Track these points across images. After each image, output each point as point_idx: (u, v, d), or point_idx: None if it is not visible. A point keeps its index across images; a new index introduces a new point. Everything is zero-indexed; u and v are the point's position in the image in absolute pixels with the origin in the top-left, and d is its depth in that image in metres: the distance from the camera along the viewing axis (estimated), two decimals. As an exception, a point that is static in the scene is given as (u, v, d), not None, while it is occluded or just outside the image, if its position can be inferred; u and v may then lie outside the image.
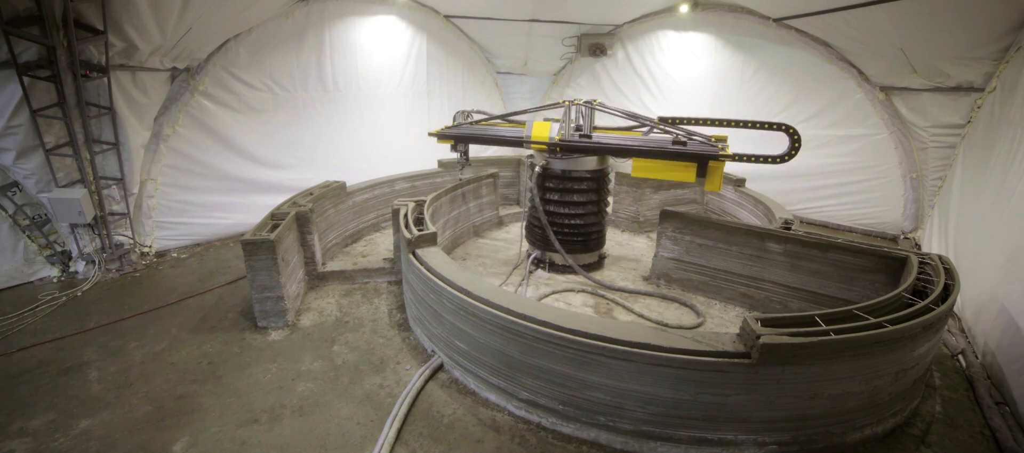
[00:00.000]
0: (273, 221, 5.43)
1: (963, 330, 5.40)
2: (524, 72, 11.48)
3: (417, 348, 4.89)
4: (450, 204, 7.03)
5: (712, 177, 4.85)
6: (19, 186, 5.99)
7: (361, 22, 8.70)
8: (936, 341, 3.88)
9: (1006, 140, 5.63)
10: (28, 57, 5.31)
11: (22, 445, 3.69)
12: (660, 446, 3.59)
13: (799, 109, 8.62)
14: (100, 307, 5.75)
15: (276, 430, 3.83)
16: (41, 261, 6.40)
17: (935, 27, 6.28)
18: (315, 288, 6.09)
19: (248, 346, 4.94)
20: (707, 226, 5.73)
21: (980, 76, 6.59)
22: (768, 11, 8.31)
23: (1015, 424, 3.93)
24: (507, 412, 4.02)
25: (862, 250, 4.87)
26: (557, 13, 9.53)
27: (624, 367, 3.44)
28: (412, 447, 3.67)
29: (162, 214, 7.23)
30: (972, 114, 6.90)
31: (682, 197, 8.36)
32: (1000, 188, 5.41)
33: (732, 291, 5.71)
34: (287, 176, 8.32)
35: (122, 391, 4.28)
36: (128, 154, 6.46)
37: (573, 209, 6.18)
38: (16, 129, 5.52)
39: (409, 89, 9.80)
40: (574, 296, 5.94)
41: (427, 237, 5.00)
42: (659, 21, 9.78)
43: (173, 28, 6.04)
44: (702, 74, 9.53)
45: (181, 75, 6.93)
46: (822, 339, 3.21)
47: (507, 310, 3.79)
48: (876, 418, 3.70)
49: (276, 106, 8.05)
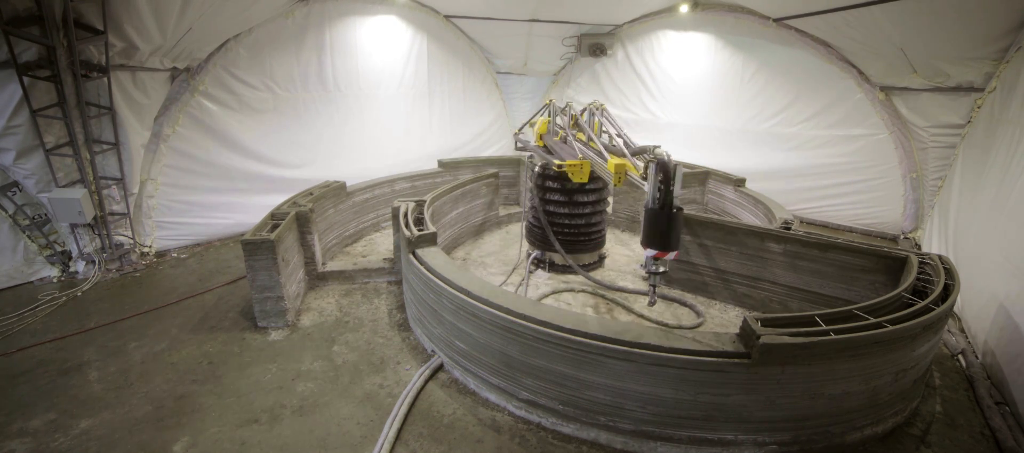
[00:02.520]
0: (273, 221, 5.43)
1: (963, 330, 5.40)
2: (524, 72, 11.49)
3: (417, 348, 4.89)
4: (450, 204, 7.03)
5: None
6: (19, 186, 5.99)
7: (361, 22, 8.70)
8: (936, 341, 3.88)
9: (1005, 139, 5.63)
10: (28, 57, 5.31)
11: (22, 445, 3.69)
12: (660, 446, 3.59)
13: (799, 109, 8.62)
14: (100, 307, 5.75)
15: (276, 430, 3.83)
16: (41, 261, 6.40)
17: (935, 27, 6.28)
18: (315, 288, 6.09)
19: (248, 346, 4.94)
20: (707, 226, 5.73)
21: (980, 76, 6.59)
22: (768, 11, 8.31)
23: (1015, 424, 3.93)
24: (507, 412, 4.02)
25: (862, 250, 4.87)
26: (557, 13, 9.53)
27: (624, 367, 3.44)
28: (412, 447, 3.67)
29: (162, 214, 7.23)
30: (972, 114, 6.91)
31: (682, 197, 8.34)
32: (1000, 188, 5.41)
33: (732, 291, 5.71)
34: (287, 176, 8.32)
35: (122, 391, 4.28)
36: (128, 154, 6.46)
37: (573, 209, 6.18)
38: (16, 129, 5.52)
39: (409, 89, 9.80)
40: (574, 296, 5.94)
41: (427, 237, 5.00)
42: (659, 21, 9.78)
43: (173, 28, 6.04)
44: (702, 74, 9.53)
45: (181, 75, 6.93)
46: (822, 339, 3.21)
47: (507, 310, 3.80)
48: (876, 418, 3.70)
49: (276, 106, 8.05)
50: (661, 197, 3.44)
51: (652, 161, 3.49)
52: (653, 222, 3.47)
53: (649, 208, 3.52)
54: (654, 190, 3.47)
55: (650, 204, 3.54)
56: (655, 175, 3.44)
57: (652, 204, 3.50)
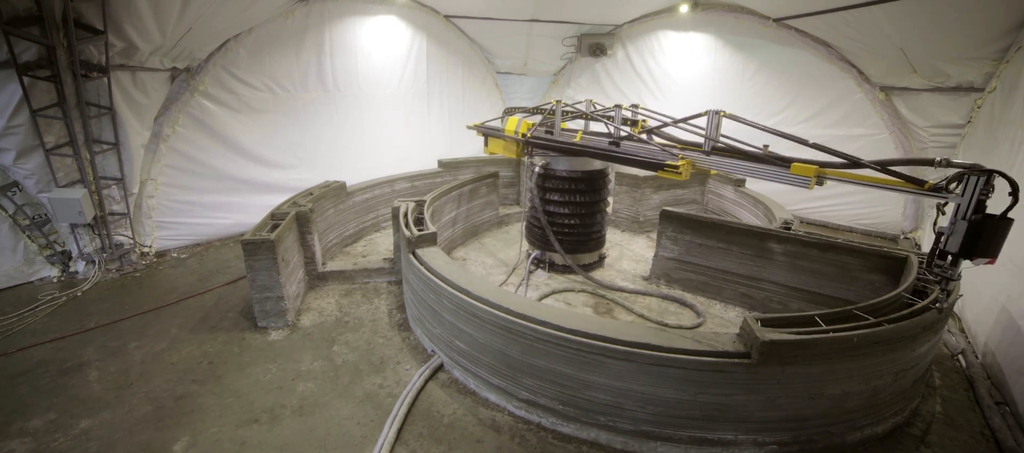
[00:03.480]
0: (273, 221, 5.43)
1: (963, 330, 5.40)
2: (524, 72, 11.49)
3: (417, 348, 4.89)
4: (450, 204, 7.03)
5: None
6: (19, 186, 5.99)
7: (361, 22, 8.70)
8: (936, 341, 3.88)
9: (1006, 140, 5.62)
10: (28, 57, 5.30)
11: (22, 445, 3.69)
12: (660, 446, 3.58)
13: (799, 109, 8.62)
14: (100, 307, 5.75)
15: (276, 430, 3.83)
16: (41, 261, 6.40)
17: (935, 27, 6.28)
18: (315, 288, 6.09)
19: (248, 346, 4.94)
20: (707, 226, 5.73)
21: (980, 76, 6.59)
22: (768, 11, 8.31)
23: (1015, 424, 3.93)
24: (507, 412, 4.02)
25: (862, 250, 4.87)
26: (557, 13, 9.53)
27: (624, 367, 3.44)
28: (412, 447, 3.67)
29: (162, 214, 7.23)
30: (972, 114, 6.91)
31: (682, 197, 8.37)
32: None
33: (732, 291, 5.71)
34: (287, 176, 8.33)
35: (122, 391, 4.28)
36: (128, 154, 6.45)
37: (573, 209, 6.18)
38: (16, 129, 5.52)
39: (409, 89, 9.81)
40: (574, 296, 5.94)
41: (427, 237, 5.00)
42: (659, 21, 9.78)
43: (173, 28, 6.04)
44: (702, 74, 9.53)
45: (181, 75, 6.93)
46: (822, 338, 3.21)
47: (507, 310, 3.80)
48: (876, 418, 3.70)
49: (276, 106, 8.05)
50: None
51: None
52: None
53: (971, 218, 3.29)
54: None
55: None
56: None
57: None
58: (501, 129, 6.37)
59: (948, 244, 3.40)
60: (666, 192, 8.18)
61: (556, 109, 5.90)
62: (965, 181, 3.30)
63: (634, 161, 5.13)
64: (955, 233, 3.34)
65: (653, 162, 4.86)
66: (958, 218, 3.35)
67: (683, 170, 4.66)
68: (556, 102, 5.93)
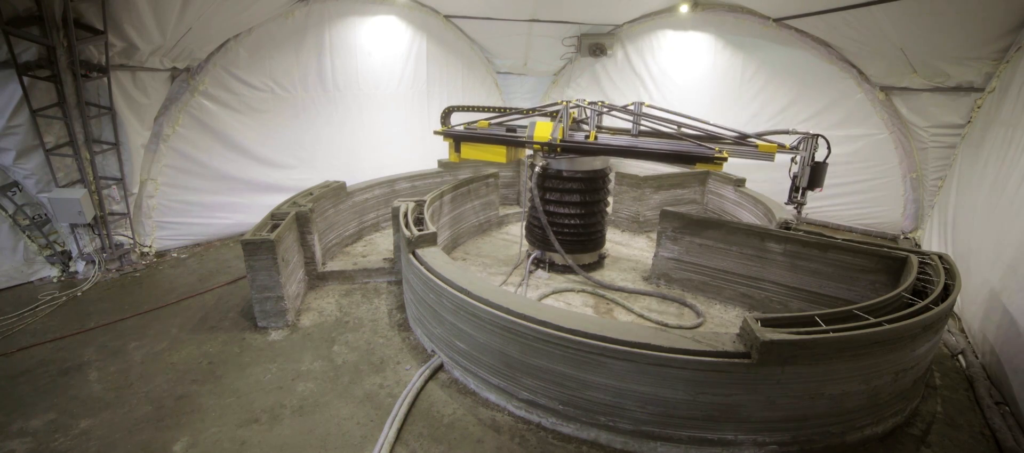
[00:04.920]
0: (273, 221, 5.43)
1: (963, 330, 5.40)
2: (524, 72, 11.49)
3: (417, 348, 4.89)
4: (450, 204, 7.03)
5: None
6: (19, 186, 5.99)
7: (361, 22, 8.70)
8: (936, 341, 3.88)
9: (998, 140, 5.64)
10: (28, 57, 5.30)
11: (22, 445, 3.69)
12: (660, 446, 3.59)
13: (799, 109, 8.62)
14: (100, 307, 5.75)
15: (276, 430, 3.83)
16: (41, 261, 6.40)
17: (935, 27, 6.28)
18: (315, 288, 6.09)
19: (248, 346, 4.94)
20: (707, 226, 5.73)
21: (980, 76, 6.59)
22: (768, 11, 8.31)
23: (1015, 424, 3.93)
24: (507, 412, 4.02)
25: (862, 250, 4.87)
26: (557, 13, 9.53)
27: (624, 367, 3.44)
28: (412, 447, 3.67)
29: (162, 214, 7.23)
30: (972, 114, 6.91)
31: (682, 197, 8.36)
32: (997, 188, 5.41)
33: (732, 291, 5.71)
34: (287, 176, 8.33)
35: (122, 391, 4.28)
36: (128, 154, 6.46)
37: (573, 209, 6.18)
38: (16, 129, 5.52)
39: (409, 89, 9.81)
40: (574, 296, 5.94)
41: (427, 237, 5.00)
42: (659, 21, 9.79)
43: (173, 28, 6.04)
44: (702, 74, 9.53)
45: (181, 75, 6.93)
46: (822, 338, 3.21)
47: (507, 310, 3.79)
48: (876, 418, 3.70)
49: (276, 106, 8.05)
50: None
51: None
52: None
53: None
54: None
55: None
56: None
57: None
58: (509, 134, 6.11)
59: (801, 181, 5.14)
60: (666, 192, 8.18)
61: (595, 109, 5.95)
62: (807, 143, 5.04)
63: (673, 156, 5.43)
64: (803, 174, 5.11)
65: (692, 155, 5.29)
66: (804, 165, 5.09)
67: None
68: (564, 103, 5.91)
